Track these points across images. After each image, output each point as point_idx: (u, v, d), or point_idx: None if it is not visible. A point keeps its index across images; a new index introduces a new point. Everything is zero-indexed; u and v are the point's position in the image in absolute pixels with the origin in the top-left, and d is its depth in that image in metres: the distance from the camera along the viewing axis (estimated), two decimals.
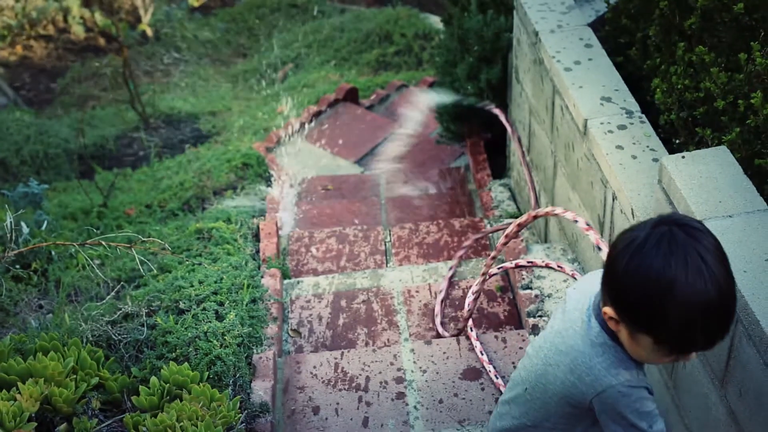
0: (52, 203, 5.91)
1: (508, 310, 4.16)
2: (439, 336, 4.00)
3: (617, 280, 2.19)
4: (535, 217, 3.25)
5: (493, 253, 3.49)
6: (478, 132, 5.98)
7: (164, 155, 7.23)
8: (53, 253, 4.77)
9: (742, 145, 3.19)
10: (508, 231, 3.30)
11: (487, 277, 3.67)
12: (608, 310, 2.25)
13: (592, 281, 2.47)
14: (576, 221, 2.98)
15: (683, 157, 2.98)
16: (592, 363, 2.37)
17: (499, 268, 4.17)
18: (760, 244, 2.63)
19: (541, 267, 4.07)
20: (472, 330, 3.84)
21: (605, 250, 2.49)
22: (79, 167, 7.46)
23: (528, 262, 4.11)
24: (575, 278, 3.84)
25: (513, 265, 4.11)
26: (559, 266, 4.03)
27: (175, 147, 7.51)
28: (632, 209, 3.26)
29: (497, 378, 3.60)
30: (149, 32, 11.64)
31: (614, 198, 3.46)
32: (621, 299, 2.20)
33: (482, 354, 3.71)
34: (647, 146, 3.51)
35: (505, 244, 3.37)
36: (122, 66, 8.10)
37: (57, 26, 11.90)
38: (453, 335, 3.91)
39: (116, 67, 10.06)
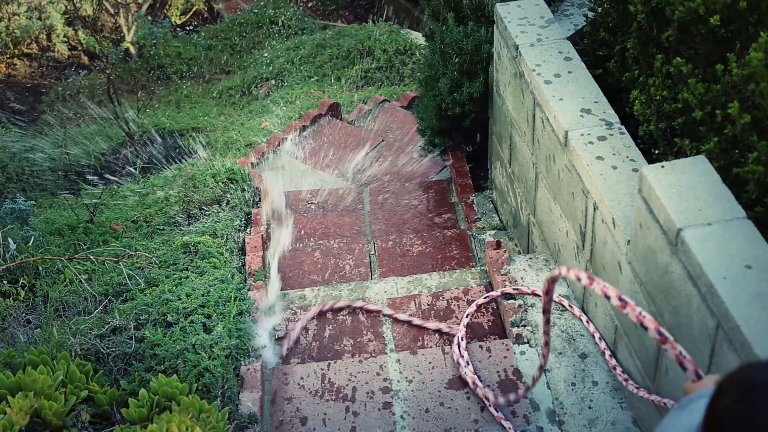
0: (39, 219, 5.91)
1: (492, 320, 4.20)
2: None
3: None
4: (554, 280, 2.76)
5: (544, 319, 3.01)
6: (460, 145, 6.02)
7: (149, 171, 7.25)
8: (41, 268, 4.79)
9: (720, 154, 3.25)
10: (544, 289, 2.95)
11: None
12: None
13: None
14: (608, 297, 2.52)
15: (663, 166, 3.03)
16: None
17: (485, 298, 4.21)
18: (739, 251, 2.69)
19: (528, 294, 4.09)
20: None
21: (613, 295, 2.38)
22: (65, 183, 7.46)
23: (514, 289, 4.13)
24: (562, 304, 3.86)
25: (499, 293, 4.15)
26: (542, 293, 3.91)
27: (160, 163, 7.52)
28: (613, 219, 3.32)
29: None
30: (132, 50, 11.67)
31: (595, 208, 3.51)
32: None
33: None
34: (627, 157, 3.57)
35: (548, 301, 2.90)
36: (106, 83, 8.12)
37: (41, 45, 11.93)
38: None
39: (100, 84, 10.08)
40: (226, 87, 10.32)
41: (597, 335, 3.75)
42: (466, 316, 3.93)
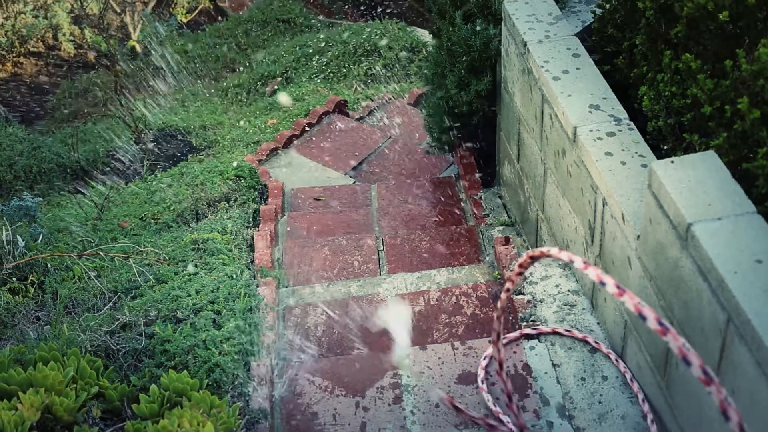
0: (47, 217, 5.93)
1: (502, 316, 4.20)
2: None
3: None
4: (532, 258, 2.86)
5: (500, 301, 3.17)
6: (467, 142, 6.03)
7: (157, 169, 7.26)
8: (49, 265, 4.81)
9: (729, 149, 3.25)
10: (510, 275, 3.04)
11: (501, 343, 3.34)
12: None
13: None
14: (572, 261, 2.64)
15: (672, 162, 3.04)
16: None
17: (504, 339, 3.86)
18: (749, 246, 2.69)
19: (549, 334, 3.91)
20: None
21: (610, 282, 2.35)
22: (72, 181, 7.48)
23: (533, 329, 3.89)
24: (587, 341, 3.79)
25: (518, 335, 3.90)
26: (567, 330, 3.87)
27: (168, 161, 7.54)
28: (623, 214, 3.32)
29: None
30: (138, 48, 11.69)
31: (604, 203, 3.51)
32: None
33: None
34: (636, 152, 3.57)
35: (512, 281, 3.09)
36: (113, 81, 8.14)
37: (47, 43, 11.96)
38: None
39: (107, 83, 10.10)
40: (232, 85, 10.32)
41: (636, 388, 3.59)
42: (484, 359, 3.83)
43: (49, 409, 3.08)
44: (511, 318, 4.06)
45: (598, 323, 3.87)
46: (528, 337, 3.87)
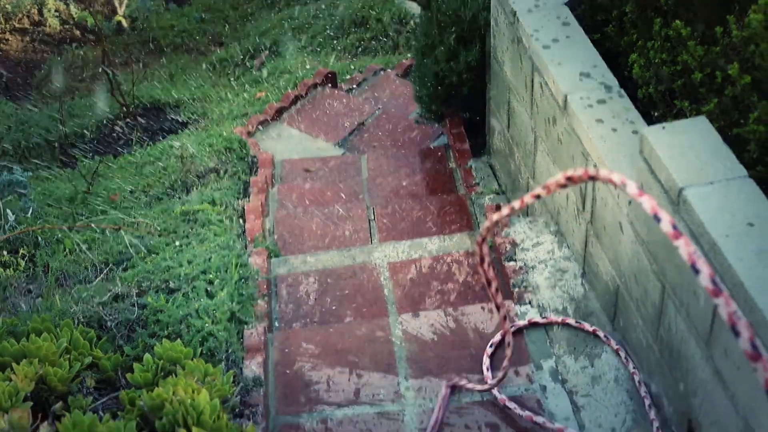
0: (36, 191, 5.92)
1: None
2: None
3: None
4: (569, 179, 2.28)
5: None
6: (457, 112, 6.03)
7: (146, 142, 7.25)
8: (40, 238, 4.80)
9: (720, 115, 3.26)
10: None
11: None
12: None
13: None
14: (624, 184, 2.18)
15: (663, 127, 3.05)
16: None
17: (513, 327, 3.76)
18: (741, 209, 2.70)
19: (558, 323, 3.82)
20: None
21: (666, 219, 1.98)
22: (61, 156, 7.46)
23: (543, 318, 3.80)
24: (596, 334, 3.69)
25: (527, 323, 3.82)
26: (578, 323, 3.77)
27: (156, 134, 7.53)
28: None
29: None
30: (125, 23, 11.64)
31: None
32: None
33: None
34: (627, 119, 3.58)
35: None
36: (101, 56, 8.10)
37: (32, 19, 11.88)
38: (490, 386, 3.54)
39: (94, 58, 10.06)
40: (219, 59, 10.29)
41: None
42: (490, 346, 3.80)
43: (43, 379, 3.08)
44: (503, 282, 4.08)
45: (589, 288, 3.89)
46: (535, 325, 3.80)
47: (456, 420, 3.38)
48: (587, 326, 3.69)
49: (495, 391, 3.46)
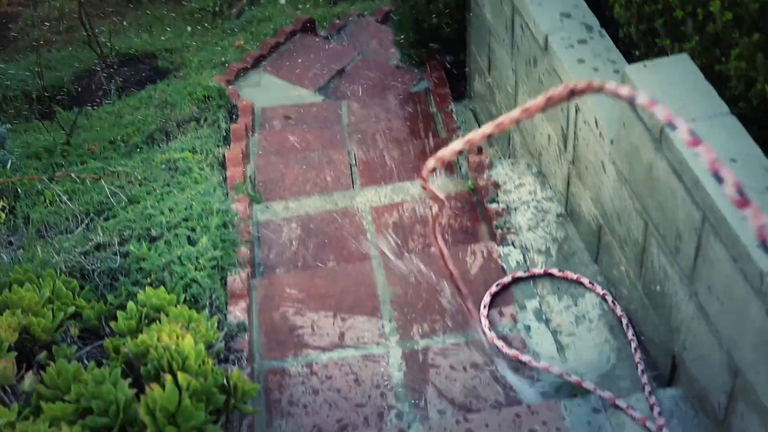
0: (15, 144, 5.88)
1: (476, 224, 4.22)
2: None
3: None
4: (572, 92, 2.19)
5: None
6: (437, 57, 6.00)
7: (124, 93, 7.20)
8: (20, 190, 4.77)
9: (702, 52, 3.25)
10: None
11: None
12: None
13: None
14: (633, 97, 2.02)
15: (645, 65, 3.04)
16: None
17: (497, 286, 3.71)
18: (723, 146, 2.70)
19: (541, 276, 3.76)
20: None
21: (682, 127, 1.76)
22: (39, 108, 7.40)
23: (525, 272, 3.75)
24: (581, 282, 3.64)
25: (510, 279, 3.74)
26: (561, 271, 3.73)
27: (135, 85, 7.47)
28: (596, 119, 3.33)
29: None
30: None
31: (577, 110, 3.52)
32: None
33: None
34: (608, 59, 3.57)
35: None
36: (77, 8, 8.01)
37: None
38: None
39: (70, 10, 9.94)
40: (197, 8, 10.18)
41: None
42: (484, 307, 3.74)
43: (26, 329, 3.08)
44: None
45: (572, 229, 3.90)
46: (519, 280, 3.74)
47: (441, 361, 3.39)
48: (570, 275, 3.69)
49: (486, 329, 3.47)
